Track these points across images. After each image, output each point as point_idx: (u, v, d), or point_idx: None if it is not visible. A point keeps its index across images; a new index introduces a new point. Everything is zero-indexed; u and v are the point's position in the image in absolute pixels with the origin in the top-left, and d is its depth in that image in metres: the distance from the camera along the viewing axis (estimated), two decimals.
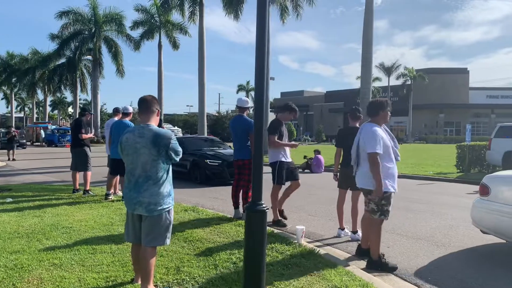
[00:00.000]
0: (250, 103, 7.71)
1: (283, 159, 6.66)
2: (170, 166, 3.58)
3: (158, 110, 3.64)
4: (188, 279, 4.02)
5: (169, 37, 33.32)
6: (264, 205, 3.35)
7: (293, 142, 7.12)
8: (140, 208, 3.41)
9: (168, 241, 3.54)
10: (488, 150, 14.94)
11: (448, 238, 6.08)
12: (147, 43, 35.89)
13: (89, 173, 9.20)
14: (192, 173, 12.46)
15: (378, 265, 4.68)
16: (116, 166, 8.37)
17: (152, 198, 3.39)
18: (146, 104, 3.57)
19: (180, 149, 3.53)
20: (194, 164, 12.38)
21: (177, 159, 3.50)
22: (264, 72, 3.38)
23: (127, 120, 8.54)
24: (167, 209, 3.47)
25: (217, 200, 9.27)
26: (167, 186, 3.48)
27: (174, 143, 3.45)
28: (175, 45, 33.69)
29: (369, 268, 4.67)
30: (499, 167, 14.85)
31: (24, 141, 35.80)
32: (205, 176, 12.08)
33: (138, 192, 3.40)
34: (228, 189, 9.35)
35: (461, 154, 15.55)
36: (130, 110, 8.81)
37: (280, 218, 6.76)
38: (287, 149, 6.79)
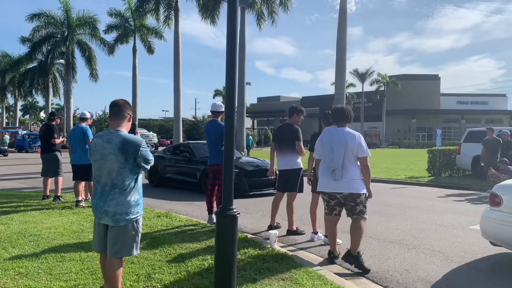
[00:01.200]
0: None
1: (301, 166, 6.56)
2: (140, 174, 3.43)
3: (130, 116, 3.49)
4: (159, 286, 3.96)
5: (144, 41, 32.99)
6: (234, 210, 3.34)
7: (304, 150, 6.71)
8: (106, 218, 3.26)
9: (135, 251, 3.37)
10: (458, 154, 15.35)
11: (419, 241, 6.20)
12: (122, 47, 35.47)
13: (60, 179, 9.02)
14: (203, 184, 10.48)
15: (354, 261, 4.77)
16: (75, 172, 8.47)
17: (118, 208, 3.23)
18: (118, 109, 3.42)
19: (151, 158, 3.38)
20: (206, 174, 10.04)
21: (148, 167, 3.37)
22: (235, 76, 3.39)
23: (83, 125, 8.53)
24: (135, 219, 3.31)
25: (192, 205, 9.20)
26: (135, 195, 3.32)
27: (144, 151, 3.31)
28: (150, 50, 33.39)
29: (346, 261, 4.82)
30: (469, 171, 15.27)
31: (6, 147, 34.39)
32: None
33: (104, 201, 3.25)
34: (242, 201, 9.33)
35: (432, 158, 15.92)
36: (88, 115, 8.82)
37: (296, 227, 6.55)
38: None
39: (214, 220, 6.49)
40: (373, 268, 4.91)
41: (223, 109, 7.11)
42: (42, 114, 75.90)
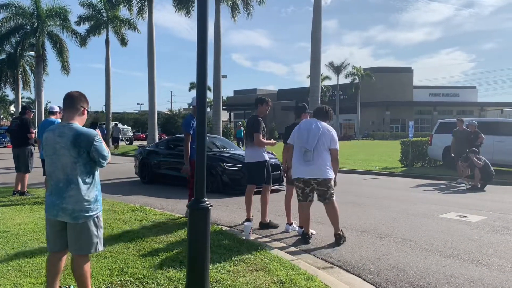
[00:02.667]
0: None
1: (267, 158, 6.54)
2: (97, 170, 3.26)
3: (85, 109, 3.29)
4: (133, 280, 3.93)
5: (117, 33, 32.37)
6: (207, 203, 3.34)
7: (273, 141, 6.92)
8: (64, 215, 3.10)
9: (99, 247, 3.25)
10: (430, 145, 15.71)
11: (391, 230, 6.34)
12: (94, 39, 34.72)
13: (27, 175, 8.92)
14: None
15: (342, 238, 5.54)
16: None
17: (77, 205, 3.09)
18: (71, 101, 3.23)
19: (106, 153, 3.18)
20: (208, 169, 9.90)
21: (104, 164, 3.19)
22: (206, 64, 3.37)
23: (52, 118, 8.36)
24: (95, 215, 3.18)
25: (168, 200, 9.12)
26: (93, 191, 3.18)
27: (98, 145, 3.12)
28: (123, 42, 32.80)
29: (338, 242, 5.50)
30: (440, 161, 15.66)
31: None
32: (221, 184, 10.02)
33: (61, 197, 3.10)
34: (220, 195, 9.24)
35: (404, 149, 16.24)
36: (56, 109, 8.59)
37: (269, 220, 6.53)
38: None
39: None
40: (345, 257, 5.01)
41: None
42: (12, 108, 73.67)
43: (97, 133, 3.20)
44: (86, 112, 3.32)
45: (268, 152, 7.02)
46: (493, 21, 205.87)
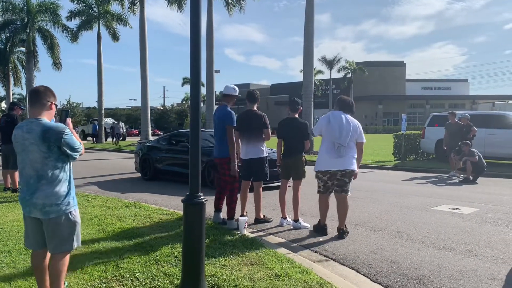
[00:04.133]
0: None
1: (267, 154, 6.41)
2: (69, 164, 3.20)
3: (52, 103, 3.21)
4: (128, 276, 3.93)
5: (109, 28, 32.18)
6: (202, 197, 3.34)
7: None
8: (35, 211, 3.04)
9: (75, 244, 3.19)
10: (422, 138, 15.80)
11: (384, 223, 6.38)
12: (86, 34, 34.44)
13: (16, 172, 8.92)
14: (207, 176, 9.72)
15: (345, 233, 5.62)
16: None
17: (47, 199, 3.02)
18: (37, 96, 3.15)
19: (77, 145, 3.13)
20: (211, 166, 9.40)
21: (76, 155, 3.13)
22: (199, 60, 3.36)
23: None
24: (68, 210, 3.11)
25: (161, 195, 9.11)
26: (64, 186, 3.11)
27: (68, 138, 3.06)
28: (115, 37, 32.61)
29: (341, 236, 5.55)
30: (432, 154, 15.77)
31: None
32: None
33: (32, 193, 3.04)
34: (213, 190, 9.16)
35: (397, 143, 16.32)
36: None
37: (263, 215, 6.49)
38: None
39: (234, 225, 5.83)
40: (340, 250, 5.04)
41: (236, 93, 6.26)
42: (3, 105, 72.97)
43: (65, 126, 3.14)
44: (54, 107, 3.24)
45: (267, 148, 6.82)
46: (484, 15, 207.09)
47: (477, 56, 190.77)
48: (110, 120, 41.02)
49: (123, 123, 43.29)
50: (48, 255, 3.22)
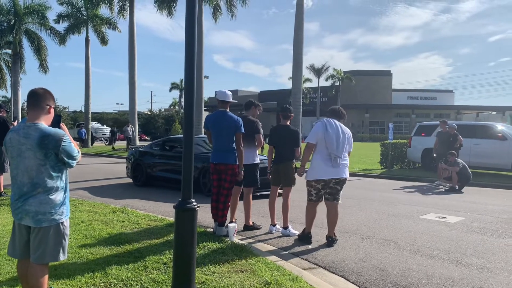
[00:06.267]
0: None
1: (259, 161, 6.42)
2: (66, 172, 3.08)
3: (51, 107, 3.08)
4: (116, 282, 3.88)
5: (97, 32, 31.94)
6: (194, 203, 3.33)
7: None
8: (27, 218, 2.91)
9: (61, 256, 3.05)
10: (409, 147, 15.98)
11: (372, 231, 6.42)
12: (74, 37, 34.21)
13: (2, 176, 8.85)
14: (202, 184, 9.62)
15: (334, 241, 5.65)
16: None
17: (41, 207, 2.90)
18: (36, 99, 3.01)
19: (75, 153, 3.02)
20: (204, 172, 9.46)
21: (73, 163, 3.02)
22: (194, 71, 3.36)
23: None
24: (61, 220, 3.00)
25: (149, 202, 9.04)
26: (60, 194, 3.01)
27: (67, 145, 2.94)
28: (103, 41, 32.38)
29: (330, 244, 5.58)
30: (419, 163, 15.94)
31: None
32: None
33: (24, 200, 2.91)
34: (201, 196, 9.11)
35: (384, 151, 16.48)
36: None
37: (252, 222, 6.48)
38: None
39: (224, 232, 5.75)
40: (329, 258, 5.06)
41: (231, 99, 6.07)
42: None
43: (64, 132, 3.02)
44: (52, 111, 3.10)
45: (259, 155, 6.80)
46: (469, 27, 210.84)
47: (462, 67, 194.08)
48: (96, 124, 40.60)
49: (108, 127, 42.99)
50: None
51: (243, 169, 5.95)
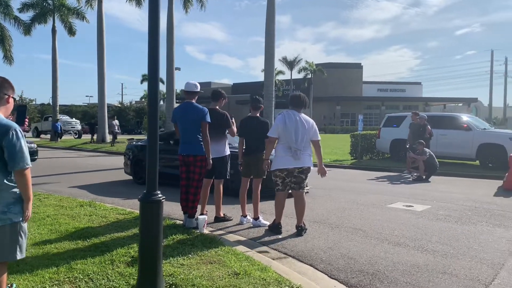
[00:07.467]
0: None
1: (229, 153, 6.38)
2: (27, 168, 2.81)
3: (10, 97, 2.90)
4: (82, 277, 3.79)
5: (64, 22, 31.03)
6: (159, 195, 3.27)
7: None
8: None
9: (18, 255, 2.87)
10: (378, 138, 16.27)
11: (341, 220, 6.51)
12: (40, 27, 32.93)
13: None
14: None
15: (304, 230, 5.68)
16: None
17: None
18: None
19: (20, 156, 2.73)
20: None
21: (13, 167, 2.73)
22: (158, 57, 3.29)
23: None
24: (17, 220, 2.83)
25: (120, 194, 8.88)
26: (15, 191, 2.82)
27: (14, 140, 2.70)
28: (71, 31, 31.51)
29: (299, 233, 5.62)
30: (387, 153, 16.27)
31: None
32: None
33: None
34: (173, 189, 8.98)
35: (354, 142, 16.73)
36: None
37: (223, 214, 6.48)
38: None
39: (194, 224, 5.69)
40: (299, 247, 5.10)
41: (198, 89, 6.00)
42: None
43: (17, 126, 2.79)
44: (11, 100, 2.93)
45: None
46: (437, 21, 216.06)
47: (430, 60, 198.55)
48: (65, 117, 39.55)
49: (77, 120, 41.88)
50: (1, 265, 2.95)
51: (211, 157, 5.89)
